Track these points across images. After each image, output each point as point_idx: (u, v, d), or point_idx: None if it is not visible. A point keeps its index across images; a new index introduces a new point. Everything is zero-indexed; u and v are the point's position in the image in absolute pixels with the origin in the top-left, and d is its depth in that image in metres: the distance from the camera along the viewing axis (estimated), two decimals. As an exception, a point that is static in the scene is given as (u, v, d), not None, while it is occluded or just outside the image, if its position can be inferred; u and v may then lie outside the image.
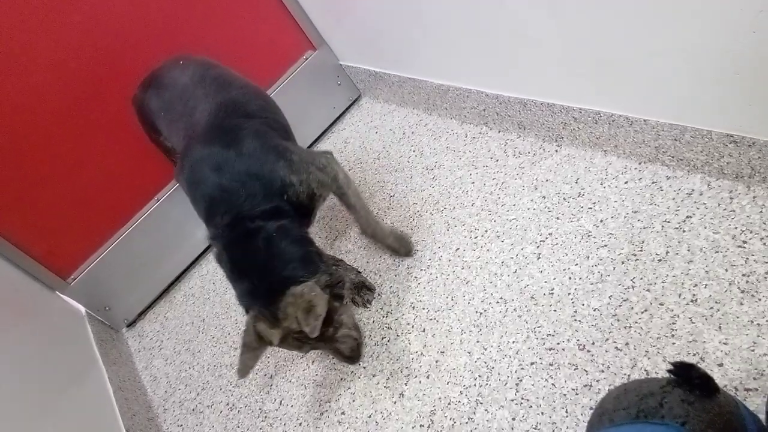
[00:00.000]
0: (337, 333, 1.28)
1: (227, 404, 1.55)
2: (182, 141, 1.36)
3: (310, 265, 1.21)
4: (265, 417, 1.45)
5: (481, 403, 1.16)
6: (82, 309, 1.92)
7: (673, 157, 1.24)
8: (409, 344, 1.35)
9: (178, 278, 2.05)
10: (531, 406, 1.10)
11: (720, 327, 1.00)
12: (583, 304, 1.17)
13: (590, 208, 1.32)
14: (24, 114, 1.60)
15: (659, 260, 1.14)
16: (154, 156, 1.74)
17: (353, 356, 1.33)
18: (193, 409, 1.61)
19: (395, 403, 1.28)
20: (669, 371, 0.69)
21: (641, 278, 1.14)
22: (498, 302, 1.29)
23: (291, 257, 1.19)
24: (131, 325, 2.02)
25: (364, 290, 1.51)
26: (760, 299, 1.00)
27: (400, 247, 1.53)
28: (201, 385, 1.66)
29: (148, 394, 1.75)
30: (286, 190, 1.25)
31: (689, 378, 0.67)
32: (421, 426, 1.20)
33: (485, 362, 1.22)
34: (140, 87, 1.56)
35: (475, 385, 1.20)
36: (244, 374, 1.18)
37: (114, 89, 1.70)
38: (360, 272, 1.57)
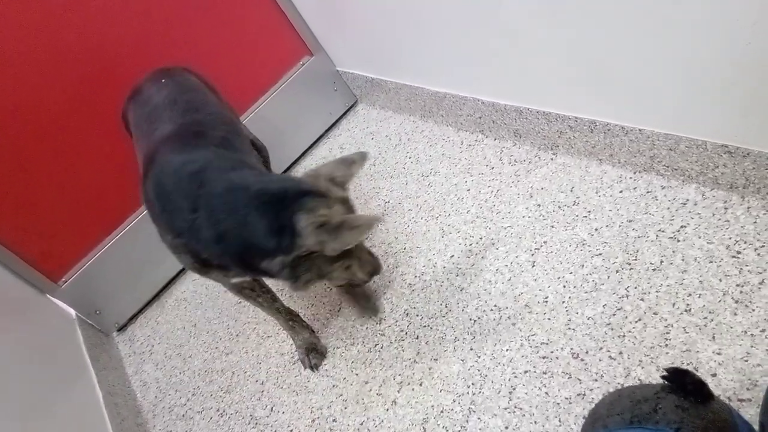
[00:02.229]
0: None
1: (217, 410, 1.53)
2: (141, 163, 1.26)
3: None
4: (256, 424, 1.43)
5: (474, 412, 1.16)
6: (73, 312, 1.90)
7: (667, 166, 1.24)
8: (403, 351, 1.35)
9: (169, 282, 2.04)
10: (524, 415, 1.10)
11: (714, 337, 1.00)
12: (577, 313, 1.17)
13: (585, 216, 1.32)
14: (17, 116, 1.59)
15: (653, 269, 1.14)
16: (149, 159, 1.73)
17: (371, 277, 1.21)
18: (183, 415, 1.59)
19: (387, 410, 1.26)
20: (663, 377, 0.69)
21: (635, 287, 1.14)
22: (492, 310, 1.29)
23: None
24: (122, 329, 2.00)
25: (314, 353, 1.45)
26: (753, 310, 0.99)
27: (368, 303, 1.46)
28: (191, 390, 1.64)
29: (138, 400, 1.73)
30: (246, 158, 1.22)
31: (683, 384, 0.67)
32: (413, 434, 1.19)
33: (478, 370, 1.21)
34: (126, 96, 1.50)
35: (468, 393, 1.19)
36: None
37: (109, 91, 1.69)
38: (315, 333, 1.50)
